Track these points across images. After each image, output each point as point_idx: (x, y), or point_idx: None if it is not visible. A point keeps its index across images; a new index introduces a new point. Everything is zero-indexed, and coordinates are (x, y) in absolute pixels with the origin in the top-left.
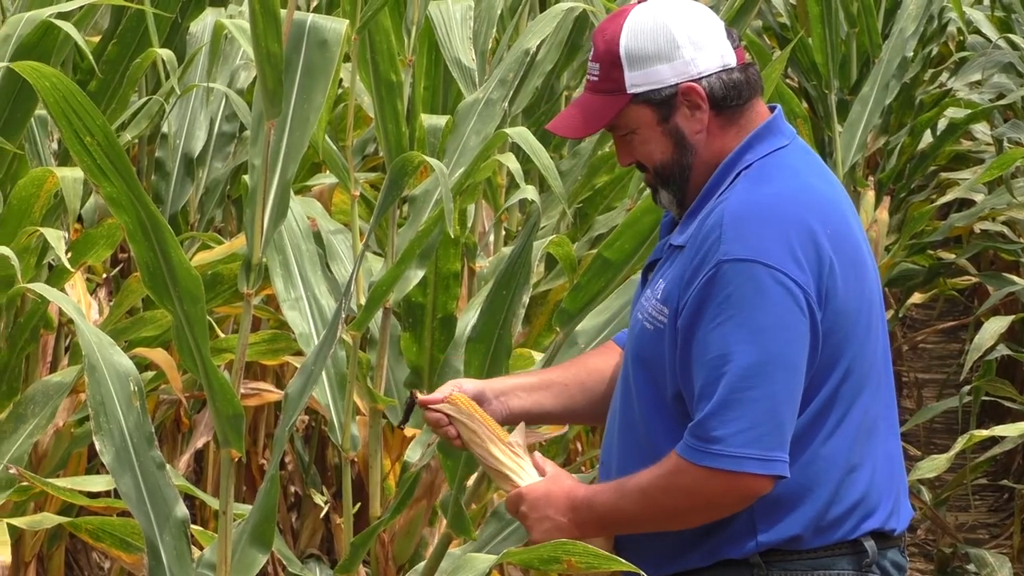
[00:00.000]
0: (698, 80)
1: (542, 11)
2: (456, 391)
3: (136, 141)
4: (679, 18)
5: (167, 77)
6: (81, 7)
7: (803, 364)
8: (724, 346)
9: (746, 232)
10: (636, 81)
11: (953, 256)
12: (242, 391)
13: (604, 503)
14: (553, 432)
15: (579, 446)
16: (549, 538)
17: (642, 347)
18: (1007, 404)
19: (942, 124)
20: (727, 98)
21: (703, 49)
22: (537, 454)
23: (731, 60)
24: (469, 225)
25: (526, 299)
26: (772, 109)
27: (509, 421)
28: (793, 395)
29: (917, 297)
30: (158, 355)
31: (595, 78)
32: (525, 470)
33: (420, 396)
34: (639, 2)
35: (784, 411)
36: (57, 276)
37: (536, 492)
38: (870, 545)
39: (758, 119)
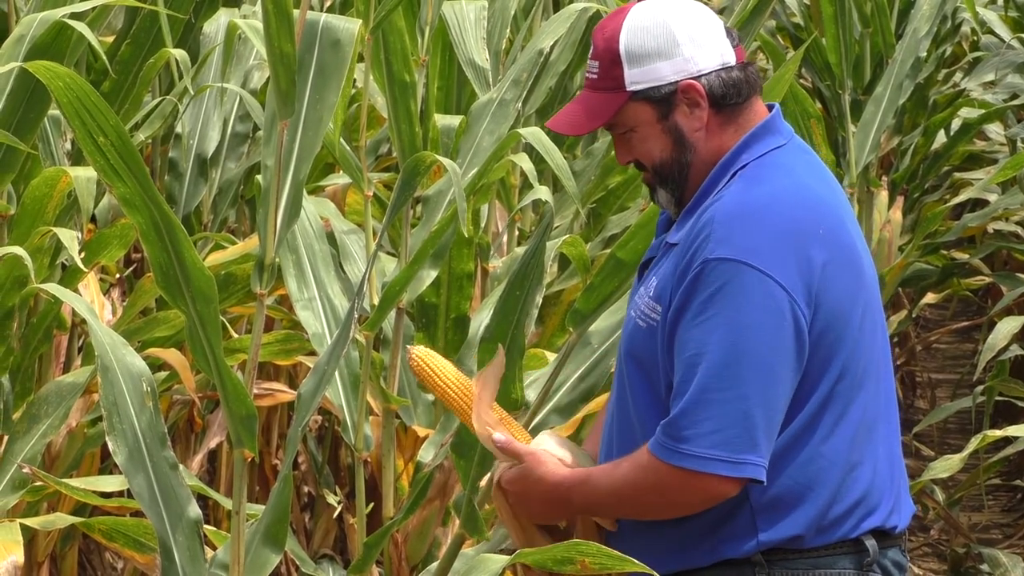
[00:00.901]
0: (697, 78)
1: (556, 11)
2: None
3: (149, 141)
4: (679, 16)
5: (180, 77)
6: (95, 7)
7: (784, 367)
8: (701, 345)
9: (735, 232)
10: (635, 79)
11: (967, 256)
12: (255, 391)
13: (580, 496)
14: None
15: None
16: (541, 523)
17: (635, 344)
18: (1020, 404)
19: (956, 124)
20: (726, 96)
21: (703, 47)
22: (506, 438)
23: (730, 58)
24: (482, 225)
25: (539, 299)
26: (771, 108)
27: None
28: (769, 398)
29: (930, 297)
30: (171, 355)
31: (594, 75)
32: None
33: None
34: (639, 0)
35: (756, 413)
36: (70, 276)
37: (515, 487)
38: (871, 544)
39: (756, 118)
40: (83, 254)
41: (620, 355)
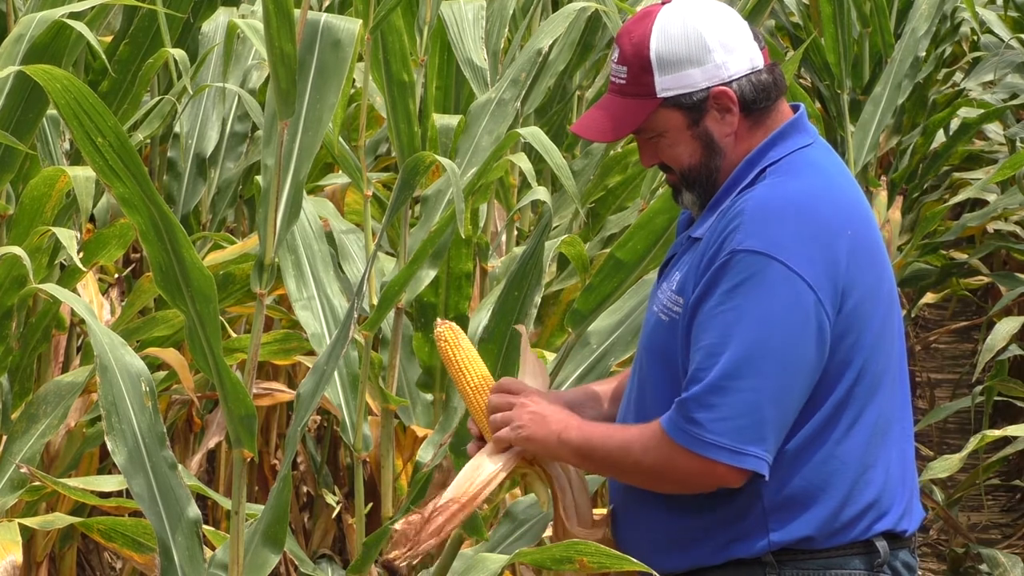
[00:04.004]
0: (729, 84)
1: (554, 11)
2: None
3: (148, 141)
4: (709, 21)
5: (179, 77)
6: (93, 7)
7: (803, 364)
8: (723, 334)
9: (766, 225)
10: (667, 85)
11: (966, 256)
12: (254, 391)
13: (590, 434)
14: None
15: None
16: (526, 430)
17: (656, 340)
18: (1019, 404)
19: (955, 124)
20: (756, 100)
21: (733, 52)
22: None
23: (759, 62)
24: (481, 225)
25: (538, 299)
26: (795, 108)
27: None
28: (785, 394)
29: (930, 297)
30: (170, 355)
31: (622, 81)
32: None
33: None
34: (663, 3)
35: (768, 407)
36: (69, 276)
37: (542, 392)
38: (882, 545)
39: (782, 118)
40: (82, 254)
41: (640, 350)
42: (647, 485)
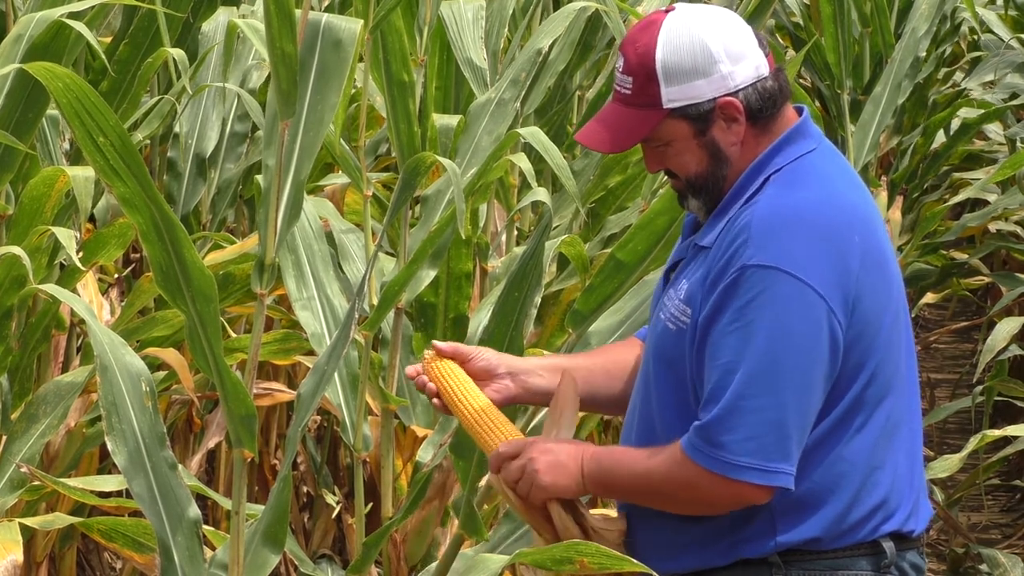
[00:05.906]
0: (735, 94)
1: (554, 11)
2: (433, 353)
3: (148, 141)
4: (714, 31)
5: (179, 77)
6: (93, 7)
7: (818, 376)
8: (737, 352)
9: (773, 238)
10: (673, 96)
11: (966, 256)
12: (254, 391)
13: (607, 465)
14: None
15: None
16: (557, 481)
17: (665, 347)
18: (1020, 404)
19: (955, 124)
20: (763, 109)
21: (739, 62)
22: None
23: (764, 69)
24: (481, 225)
25: (538, 300)
26: (799, 111)
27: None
28: (804, 406)
29: (930, 297)
30: (170, 355)
31: (627, 91)
32: (500, 437)
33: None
34: (668, 10)
35: (791, 422)
36: (69, 276)
37: (548, 441)
38: (889, 546)
39: (788, 123)
40: (81, 254)
41: (647, 358)
42: (672, 508)
